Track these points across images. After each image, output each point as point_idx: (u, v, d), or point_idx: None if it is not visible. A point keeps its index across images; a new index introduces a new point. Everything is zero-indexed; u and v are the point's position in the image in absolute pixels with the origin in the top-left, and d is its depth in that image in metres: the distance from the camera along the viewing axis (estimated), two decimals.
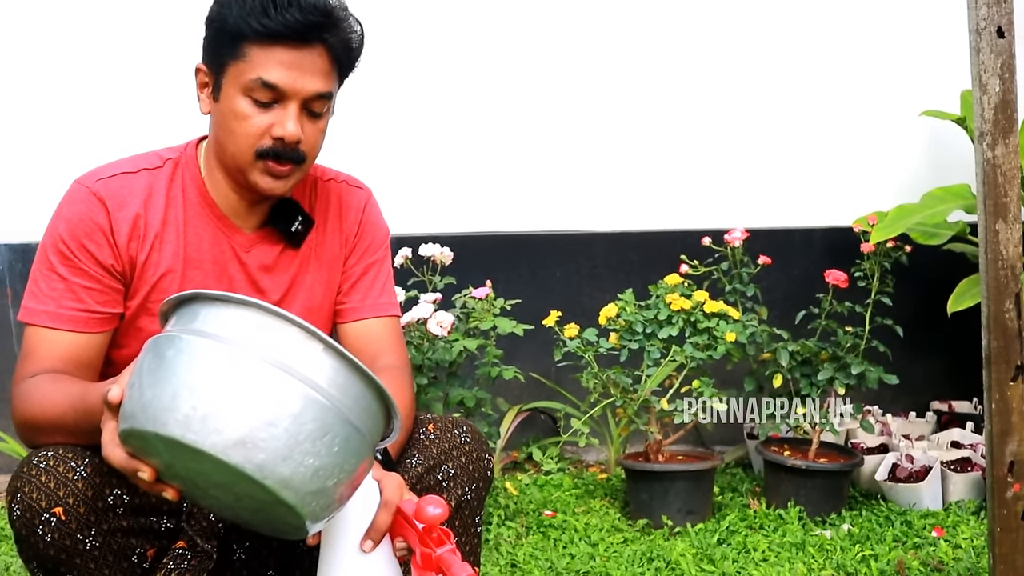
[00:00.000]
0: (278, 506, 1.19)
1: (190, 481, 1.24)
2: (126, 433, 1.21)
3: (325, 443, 1.18)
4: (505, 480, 3.25)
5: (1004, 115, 1.89)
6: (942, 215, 3.12)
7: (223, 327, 1.20)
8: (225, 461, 1.14)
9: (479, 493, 1.68)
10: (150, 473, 1.23)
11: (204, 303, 1.23)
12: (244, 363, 1.17)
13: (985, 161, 1.89)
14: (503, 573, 2.54)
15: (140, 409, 1.18)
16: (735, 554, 2.63)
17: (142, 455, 1.23)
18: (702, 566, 2.55)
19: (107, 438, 1.26)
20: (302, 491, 1.18)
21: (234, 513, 1.29)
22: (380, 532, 1.37)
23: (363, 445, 1.24)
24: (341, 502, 1.27)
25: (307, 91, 1.54)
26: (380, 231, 1.82)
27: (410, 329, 2.80)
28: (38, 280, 1.56)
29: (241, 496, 1.21)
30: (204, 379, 1.16)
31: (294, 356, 1.19)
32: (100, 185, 1.58)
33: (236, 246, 1.66)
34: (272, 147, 1.55)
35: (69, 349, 1.54)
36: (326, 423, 1.18)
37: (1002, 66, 1.87)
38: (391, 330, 1.78)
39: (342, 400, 1.20)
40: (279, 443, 1.15)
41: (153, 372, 1.19)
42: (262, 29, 1.49)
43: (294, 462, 1.16)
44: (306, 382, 1.18)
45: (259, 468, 1.15)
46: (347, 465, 1.22)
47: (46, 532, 1.37)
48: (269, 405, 1.16)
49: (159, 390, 1.16)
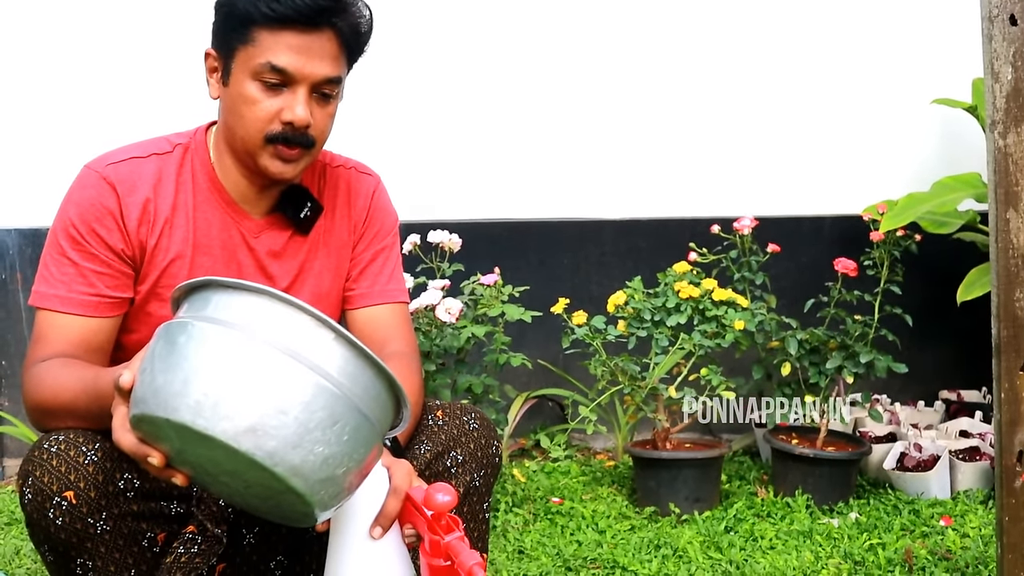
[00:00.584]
0: (288, 494, 1.19)
1: (200, 467, 1.24)
2: (137, 418, 1.22)
3: (335, 431, 1.18)
4: (513, 467, 3.26)
5: (1016, 103, 1.88)
6: (952, 204, 3.11)
7: (235, 314, 1.20)
8: (235, 448, 1.14)
9: (487, 480, 1.68)
10: (160, 459, 1.24)
11: (216, 290, 1.24)
12: (256, 350, 1.17)
13: (996, 150, 1.88)
14: (510, 559, 2.55)
15: (151, 394, 1.18)
16: (742, 542, 2.64)
17: (152, 440, 1.24)
18: (709, 554, 2.56)
19: (118, 423, 1.27)
20: (312, 479, 1.18)
21: (243, 500, 1.29)
22: (389, 519, 1.37)
23: (372, 434, 1.25)
24: (350, 490, 1.27)
25: (316, 75, 1.54)
26: (389, 217, 1.82)
27: (418, 316, 2.81)
28: (49, 265, 1.57)
29: (251, 483, 1.21)
30: (215, 366, 1.16)
31: (305, 344, 1.19)
32: (110, 170, 1.58)
33: (245, 232, 1.67)
34: (281, 132, 1.55)
35: (80, 333, 1.55)
36: (336, 411, 1.19)
37: (1014, 54, 1.86)
38: (400, 316, 1.78)
39: (352, 389, 1.21)
40: (289, 431, 1.15)
41: (165, 358, 1.19)
42: (271, 13, 1.49)
43: (304, 450, 1.16)
44: (317, 370, 1.18)
45: (269, 455, 1.15)
46: (356, 454, 1.22)
47: (57, 516, 1.38)
48: (280, 393, 1.16)
49: (170, 376, 1.17)
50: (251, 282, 1.23)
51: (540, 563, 2.51)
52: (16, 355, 3.44)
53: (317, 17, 1.51)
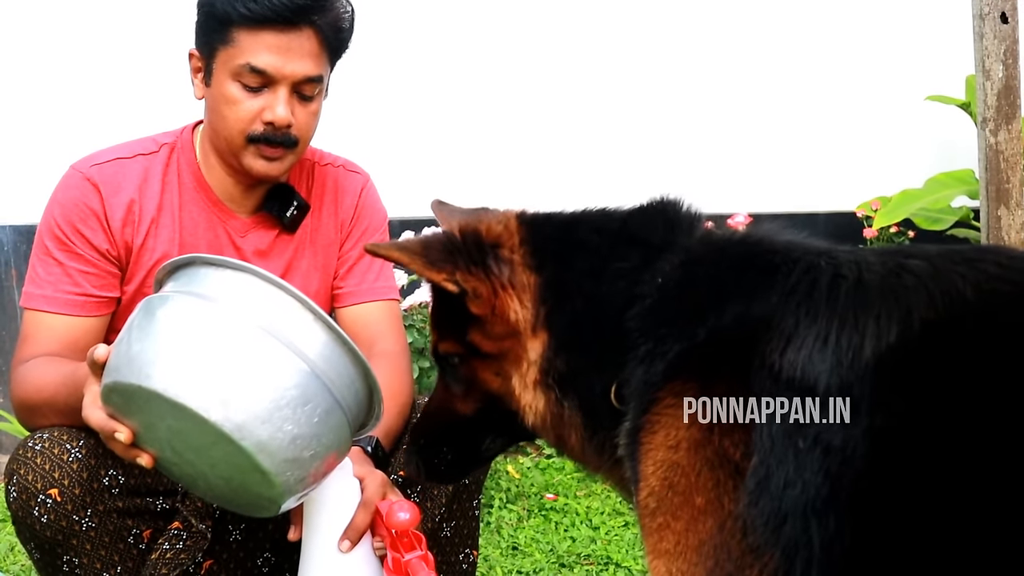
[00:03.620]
0: (253, 472, 1.19)
1: (167, 445, 1.24)
2: (109, 388, 1.22)
3: (306, 412, 1.19)
4: (507, 463, 3.26)
5: (1007, 101, 1.89)
6: (946, 200, 3.11)
7: (217, 289, 1.21)
8: (204, 418, 1.15)
9: (477, 477, 1.69)
10: (127, 434, 1.24)
11: (200, 267, 1.25)
12: (232, 324, 1.18)
13: (988, 147, 1.89)
14: (504, 556, 2.55)
15: (126, 362, 1.19)
16: None
17: (121, 415, 1.24)
18: None
19: (88, 400, 1.27)
20: (278, 457, 1.18)
21: (207, 483, 1.28)
22: (358, 532, 1.37)
23: (343, 422, 1.25)
24: (316, 479, 1.27)
25: (296, 75, 1.53)
26: (377, 215, 1.81)
27: (413, 312, 2.80)
28: (35, 266, 1.58)
29: (216, 462, 1.21)
30: (191, 336, 1.18)
31: (283, 322, 1.20)
32: (94, 171, 1.59)
33: (231, 231, 1.66)
34: (263, 132, 1.55)
35: (67, 332, 1.55)
36: (308, 391, 1.19)
37: (1005, 52, 1.87)
38: (389, 314, 1.77)
39: (326, 372, 1.21)
40: (260, 406, 1.16)
41: (142, 328, 1.20)
42: (248, 14, 1.49)
43: (273, 426, 1.17)
44: (292, 348, 1.19)
45: (238, 428, 1.16)
46: (325, 439, 1.23)
47: (42, 513, 1.38)
48: (253, 367, 1.17)
49: (146, 344, 1.18)
50: (233, 259, 1.25)
51: (534, 559, 2.51)
52: (11, 352, 3.44)
53: (296, 16, 1.51)
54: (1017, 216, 1.91)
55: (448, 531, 1.67)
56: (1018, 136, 1.90)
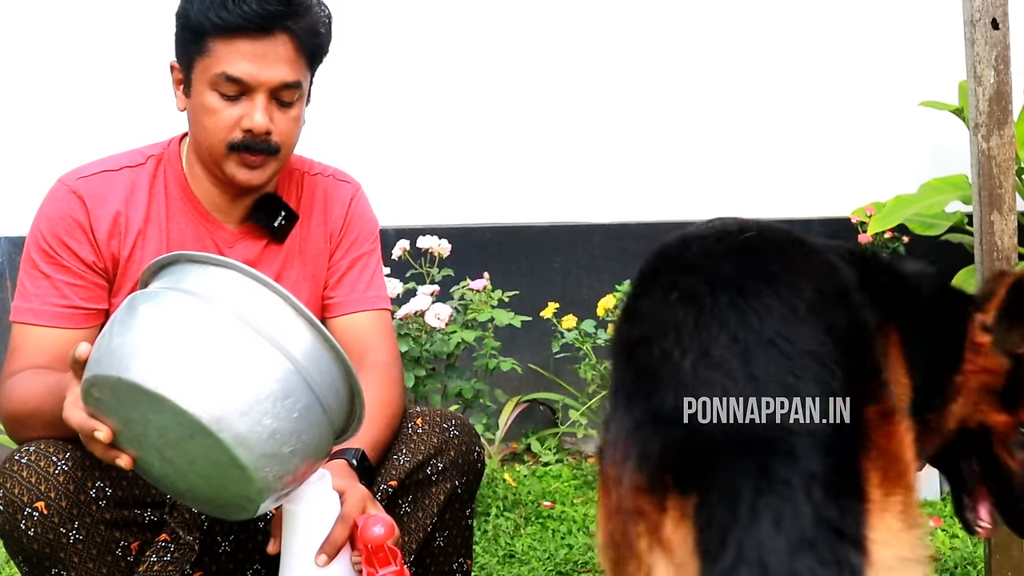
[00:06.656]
0: (231, 468, 1.19)
1: (146, 442, 1.23)
2: (88, 383, 1.22)
3: (286, 406, 1.19)
4: (504, 471, 3.25)
5: (999, 106, 1.89)
6: (940, 206, 3.10)
7: (201, 285, 1.22)
8: (183, 409, 1.15)
9: (470, 486, 1.68)
10: (107, 433, 1.23)
11: (183, 264, 1.26)
12: (212, 317, 1.18)
13: (980, 152, 1.88)
14: (501, 564, 2.54)
15: (106, 355, 1.19)
16: None
17: (101, 414, 1.24)
18: None
19: (69, 401, 1.28)
20: (256, 451, 1.18)
21: (187, 483, 1.28)
22: (335, 546, 1.36)
23: (323, 421, 1.25)
24: (295, 479, 1.27)
25: (273, 81, 1.53)
26: (368, 225, 1.81)
27: (408, 321, 2.80)
28: (23, 279, 1.58)
29: (195, 457, 1.21)
30: (171, 329, 1.18)
31: (265, 317, 1.20)
32: (80, 183, 1.59)
33: (219, 241, 1.66)
34: (243, 140, 1.55)
35: (55, 345, 1.55)
36: (289, 386, 1.20)
37: (997, 57, 1.86)
38: (380, 324, 1.77)
39: (308, 368, 1.22)
40: (239, 398, 1.16)
41: (124, 322, 1.20)
42: (221, 23, 1.49)
43: (252, 419, 1.17)
44: (273, 342, 1.19)
45: (216, 420, 1.15)
46: (305, 435, 1.22)
47: (29, 527, 1.38)
48: (233, 359, 1.17)
49: (126, 337, 1.18)
50: (218, 256, 1.25)
51: (531, 567, 2.50)
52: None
53: (268, 23, 1.51)
54: (1010, 221, 1.91)
55: (441, 540, 1.67)
56: (1010, 141, 1.89)
